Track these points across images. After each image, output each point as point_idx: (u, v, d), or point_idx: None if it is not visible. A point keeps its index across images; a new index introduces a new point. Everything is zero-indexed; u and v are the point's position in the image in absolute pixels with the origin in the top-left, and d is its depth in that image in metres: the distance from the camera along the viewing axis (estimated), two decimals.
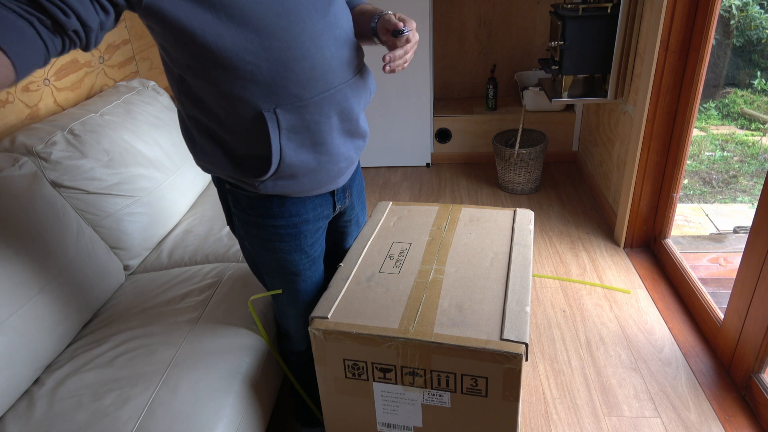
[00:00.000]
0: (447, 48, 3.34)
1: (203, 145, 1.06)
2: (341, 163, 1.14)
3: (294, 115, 1.01)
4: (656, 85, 1.98)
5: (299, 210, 1.16)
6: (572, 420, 1.57)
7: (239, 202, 1.15)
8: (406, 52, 1.03)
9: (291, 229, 1.16)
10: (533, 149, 2.72)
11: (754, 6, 3.13)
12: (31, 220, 1.37)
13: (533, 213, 1.52)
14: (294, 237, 1.18)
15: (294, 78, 0.98)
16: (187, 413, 1.15)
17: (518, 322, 1.08)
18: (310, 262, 1.23)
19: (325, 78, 1.01)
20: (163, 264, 1.75)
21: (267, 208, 1.13)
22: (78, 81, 1.99)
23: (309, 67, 0.98)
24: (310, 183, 1.11)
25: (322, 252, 1.28)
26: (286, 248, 1.18)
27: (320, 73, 1.00)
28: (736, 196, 3.03)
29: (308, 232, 1.19)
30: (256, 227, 1.17)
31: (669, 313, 1.95)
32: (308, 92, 1.00)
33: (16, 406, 1.22)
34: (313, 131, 1.04)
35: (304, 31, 0.96)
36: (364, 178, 3.21)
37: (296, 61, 0.97)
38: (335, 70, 1.03)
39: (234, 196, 1.15)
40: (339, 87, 1.05)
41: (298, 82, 0.98)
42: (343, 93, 1.06)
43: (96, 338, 1.40)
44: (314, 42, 0.98)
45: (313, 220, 1.19)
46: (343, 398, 1.20)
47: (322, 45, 0.99)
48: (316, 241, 1.23)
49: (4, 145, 1.53)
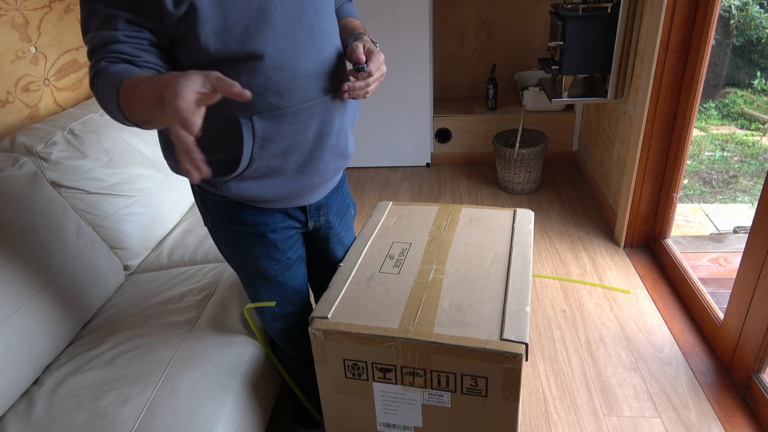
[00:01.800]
0: (447, 48, 3.34)
1: (172, 144, 1.05)
2: (313, 178, 1.11)
3: (270, 124, 0.99)
4: (656, 85, 1.98)
5: (266, 219, 1.13)
6: (572, 420, 1.57)
7: (207, 204, 1.14)
8: (368, 84, 1.03)
9: (258, 237, 1.14)
10: (533, 149, 2.72)
11: (754, 6, 3.13)
12: (31, 220, 1.37)
13: (533, 213, 1.52)
14: (262, 244, 1.15)
15: (273, 87, 0.97)
16: (187, 413, 1.15)
17: (518, 322, 1.08)
18: (283, 268, 1.21)
19: (304, 89, 1.00)
20: (163, 264, 1.75)
21: (235, 212, 1.11)
22: (78, 81, 1.99)
23: (288, 78, 0.98)
24: (275, 190, 1.08)
25: (299, 257, 1.25)
26: (254, 254, 1.16)
27: (300, 83, 0.99)
28: (736, 196, 3.03)
29: (277, 240, 1.16)
30: (224, 231, 1.15)
31: (669, 313, 1.95)
32: (286, 101, 0.99)
33: (16, 406, 1.22)
34: (287, 141, 1.03)
35: (285, 41, 0.96)
36: (364, 178, 3.20)
37: (276, 70, 0.96)
38: (316, 82, 1.02)
39: (202, 198, 1.14)
40: (320, 99, 1.03)
41: (276, 92, 0.98)
42: (323, 105, 1.04)
43: (96, 338, 1.40)
44: (295, 52, 0.97)
45: (282, 230, 1.16)
46: (343, 398, 1.20)
47: (304, 55, 0.98)
48: (290, 248, 1.20)
49: (4, 145, 1.53)
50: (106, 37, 0.89)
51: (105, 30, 0.89)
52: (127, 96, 0.83)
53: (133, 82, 0.83)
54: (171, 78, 0.74)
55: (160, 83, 0.77)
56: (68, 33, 1.93)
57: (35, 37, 1.77)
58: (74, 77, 1.96)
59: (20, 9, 1.70)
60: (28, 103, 1.74)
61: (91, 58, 0.91)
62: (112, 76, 0.86)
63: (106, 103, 0.89)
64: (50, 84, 1.84)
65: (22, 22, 1.71)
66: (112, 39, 0.89)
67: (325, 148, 1.10)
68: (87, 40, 0.92)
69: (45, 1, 1.81)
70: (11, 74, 1.67)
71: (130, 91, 0.83)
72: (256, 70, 0.95)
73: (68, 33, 1.93)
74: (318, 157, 1.09)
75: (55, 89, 1.86)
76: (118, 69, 0.87)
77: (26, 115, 1.74)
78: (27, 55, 1.73)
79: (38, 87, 1.79)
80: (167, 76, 0.77)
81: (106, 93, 0.87)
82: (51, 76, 1.85)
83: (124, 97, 0.83)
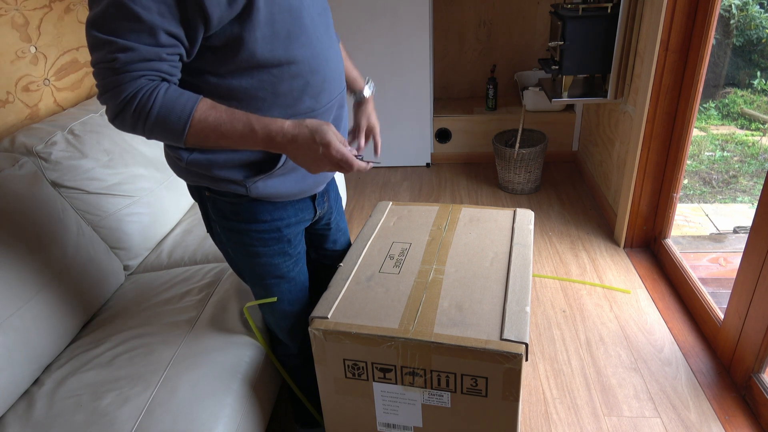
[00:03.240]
0: (447, 48, 3.34)
1: (196, 152, 1.04)
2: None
3: None
4: (656, 85, 1.98)
5: (282, 214, 1.16)
6: (572, 420, 1.57)
7: (221, 208, 1.14)
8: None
9: (274, 233, 1.16)
10: (533, 149, 2.72)
11: (754, 6, 3.12)
12: (32, 220, 1.37)
13: (533, 213, 1.52)
14: (277, 241, 1.18)
15: (309, 91, 1.02)
16: (187, 413, 1.15)
17: (518, 322, 1.08)
18: (293, 263, 1.24)
19: (330, 89, 1.07)
20: (163, 264, 1.75)
21: (250, 212, 1.13)
22: (78, 81, 1.99)
23: (321, 80, 1.04)
24: (298, 185, 1.12)
25: (303, 252, 1.28)
26: (269, 252, 1.18)
27: (329, 84, 1.06)
28: (736, 196, 3.03)
29: (291, 234, 1.20)
30: (237, 233, 1.16)
31: (669, 313, 1.95)
32: (319, 103, 1.05)
33: (16, 406, 1.22)
34: None
35: (318, 45, 1.01)
36: (364, 178, 3.21)
37: (312, 74, 1.01)
38: (337, 81, 1.09)
39: (214, 203, 1.14)
40: (338, 96, 1.11)
41: (312, 95, 1.03)
42: (339, 101, 1.12)
43: (96, 338, 1.40)
44: (324, 56, 1.03)
45: (295, 224, 1.20)
46: (343, 398, 1.20)
47: (330, 58, 1.05)
48: (299, 243, 1.25)
49: (4, 145, 1.53)
50: (147, 53, 0.83)
51: (146, 44, 0.83)
52: (208, 131, 0.90)
53: (220, 118, 0.90)
54: (305, 133, 0.92)
55: (288, 134, 0.93)
56: (68, 33, 1.93)
57: (35, 37, 1.77)
58: (74, 77, 1.96)
59: (20, 9, 1.70)
60: (28, 103, 1.74)
61: (122, 68, 0.83)
62: (169, 102, 0.87)
63: (155, 128, 0.89)
64: (50, 84, 1.84)
65: (22, 22, 1.71)
66: (154, 56, 0.84)
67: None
68: (112, 47, 0.82)
69: (45, 1, 1.81)
70: (11, 74, 1.67)
71: (216, 127, 0.90)
72: (296, 75, 0.99)
73: (68, 33, 1.93)
74: None
75: (55, 89, 1.86)
76: (170, 94, 0.88)
77: (26, 115, 1.74)
78: (27, 55, 1.73)
79: (38, 87, 1.79)
80: (301, 130, 0.93)
81: (162, 120, 0.87)
82: (51, 76, 1.85)
83: (201, 129, 0.90)
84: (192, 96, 0.90)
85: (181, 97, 0.89)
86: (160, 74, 0.87)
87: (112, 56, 0.83)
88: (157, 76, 0.87)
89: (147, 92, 0.86)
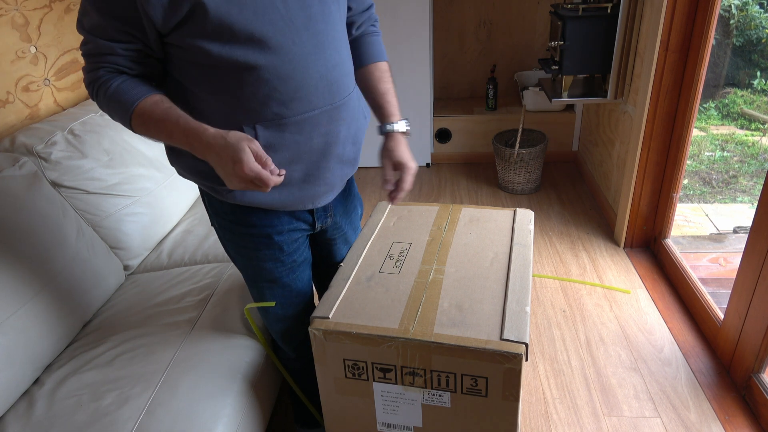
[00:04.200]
0: (447, 48, 3.34)
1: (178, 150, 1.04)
2: (319, 187, 1.11)
3: (274, 133, 0.99)
4: (656, 85, 1.98)
5: (273, 222, 1.13)
6: (572, 420, 1.57)
7: (214, 206, 1.14)
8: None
9: (264, 239, 1.14)
10: (533, 149, 2.72)
11: (753, 6, 3.12)
12: (31, 220, 1.37)
13: (533, 213, 1.52)
14: (267, 246, 1.15)
15: (277, 96, 0.96)
16: (187, 413, 1.15)
17: (518, 322, 1.08)
18: (288, 270, 1.21)
19: (308, 99, 0.99)
20: (163, 264, 1.75)
21: (240, 215, 1.11)
22: (78, 81, 1.99)
23: (293, 88, 0.97)
24: (281, 199, 1.08)
25: (305, 260, 1.25)
26: (261, 256, 1.16)
27: (304, 93, 0.98)
28: (736, 196, 3.03)
29: (283, 242, 1.16)
30: (231, 232, 1.15)
31: (669, 313, 1.95)
32: (290, 110, 0.98)
33: (16, 406, 1.22)
34: (292, 150, 1.02)
35: (292, 51, 0.95)
36: (364, 178, 3.20)
37: (280, 80, 0.95)
38: (321, 92, 1.01)
39: (209, 200, 1.14)
40: (324, 109, 1.02)
41: (280, 101, 0.97)
42: (328, 115, 1.03)
43: (96, 338, 1.40)
44: (301, 63, 0.96)
45: (288, 232, 1.16)
46: (343, 398, 1.20)
47: (309, 66, 0.97)
48: (295, 250, 1.20)
49: (4, 145, 1.53)
50: (103, 47, 0.92)
51: (101, 38, 0.91)
52: (146, 125, 0.93)
53: (155, 115, 0.91)
54: (221, 145, 0.88)
55: (205, 142, 0.89)
56: (68, 33, 1.93)
57: (35, 37, 1.77)
58: (74, 77, 1.96)
59: (20, 9, 1.70)
60: (28, 103, 1.75)
61: (86, 59, 0.95)
62: (119, 93, 0.92)
63: (112, 115, 0.96)
64: (50, 84, 1.84)
65: (22, 22, 1.71)
66: (108, 50, 0.92)
67: (331, 157, 1.09)
68: (83, 42, 0.95)
69: (45, 1, 1.81)
70: (11, 74, 1.67)
71: (151, 124, 0.92)
72: (259, 81, 0.94)
73: (68, 33, 1.93)
74: (324, 166, 1.09)
75: (55, 89, 1.86)
76: (122, 87, 0.93)
77: (26, 115, 1.74)
78: (27, 55, 1.73)
79: (38, 87, 1.79)
80: (209, 137, 0.89)
81: (113, 109, 0.94)
82: (51, 76, 1.85)
83: (140, 123, 0.92)
84: (143, 91, 0.93)
85: (132, 91, 0.93)
86: (118, 67, 0.94)
87: (83, 48, 0.95)
88: (114, 68, 0.94)
89: (102, 82, 0.93)
